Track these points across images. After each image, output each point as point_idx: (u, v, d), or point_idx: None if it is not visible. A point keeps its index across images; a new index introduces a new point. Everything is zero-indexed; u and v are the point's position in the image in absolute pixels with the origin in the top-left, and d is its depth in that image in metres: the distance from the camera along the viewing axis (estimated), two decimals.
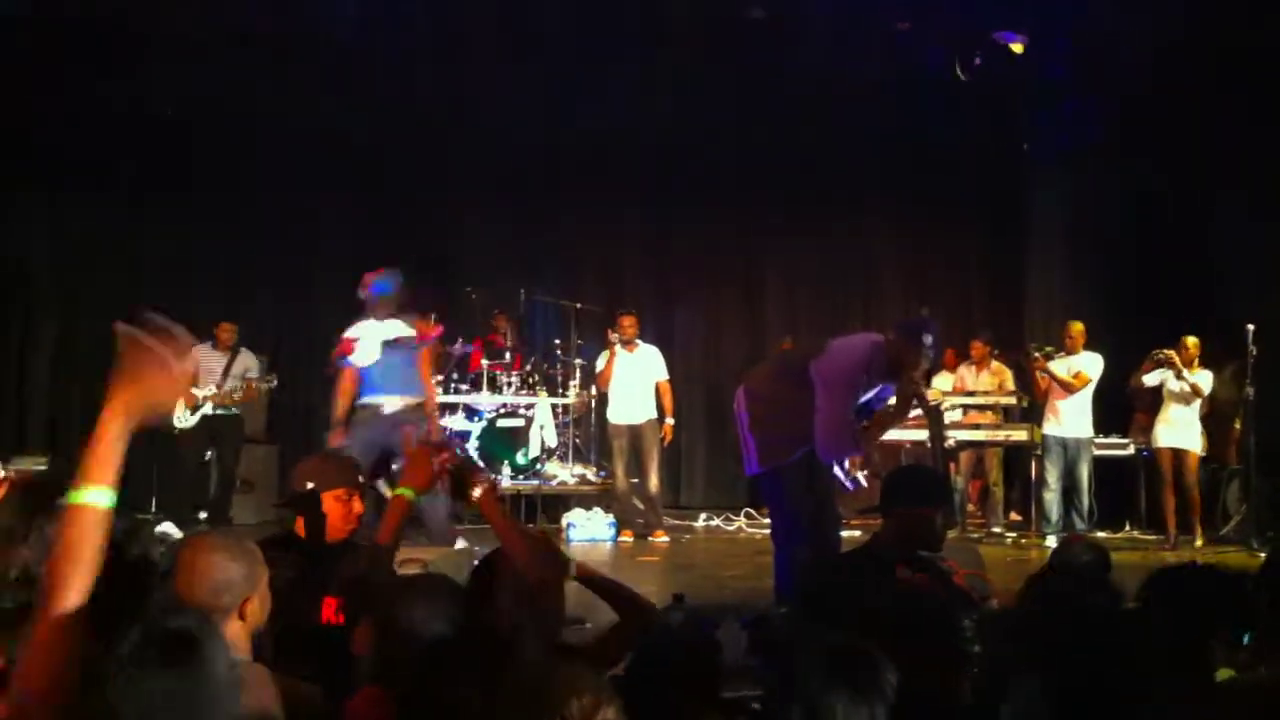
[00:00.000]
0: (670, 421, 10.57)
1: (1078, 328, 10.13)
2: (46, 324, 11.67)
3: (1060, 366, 10.06)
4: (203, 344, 10.11)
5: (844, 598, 3.16)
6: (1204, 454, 10.16)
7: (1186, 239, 11.48)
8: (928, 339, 5.94)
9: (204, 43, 10.46)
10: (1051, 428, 10.16)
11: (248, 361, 10.34)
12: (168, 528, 9.40)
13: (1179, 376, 9.83)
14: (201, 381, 9.98)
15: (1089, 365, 10.03)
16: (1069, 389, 10.00)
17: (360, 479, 3.98)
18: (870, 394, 6.06)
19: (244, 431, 10.60)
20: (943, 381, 11.21)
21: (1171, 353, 9.81)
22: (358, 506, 3.91)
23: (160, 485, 10.40)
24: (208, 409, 10.00)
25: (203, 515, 10.17)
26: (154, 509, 10.23)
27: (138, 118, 11.03)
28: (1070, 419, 10.09)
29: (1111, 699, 2.27)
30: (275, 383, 10.47)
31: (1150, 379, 9.99)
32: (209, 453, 10.33)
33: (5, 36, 10.20)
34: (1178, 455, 9.98)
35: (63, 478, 2.60)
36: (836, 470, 6.26)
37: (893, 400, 6.23)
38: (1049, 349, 10.25)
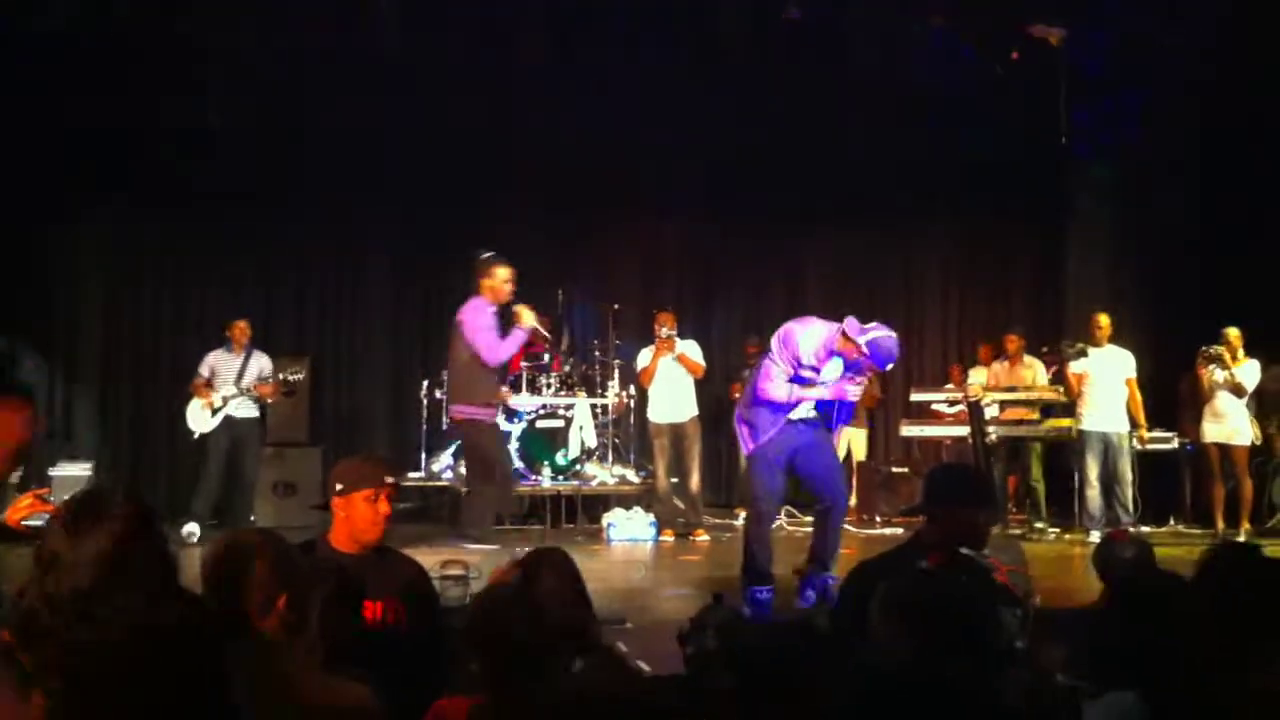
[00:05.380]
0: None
1: None
2: (91, 330, 11.79)
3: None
4: (218, 349, 10.29)
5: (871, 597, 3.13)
6: (1255, 444, 10.07)
7: (1230, 232, 11.36)
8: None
9: (248, 54, 10.54)
10: (1089, 422, 10.10)
11: (261, 363, 10.36)
12: (192, 528, 9.54)
13: (1224, 367, 9.78)
14: (219, 385, 10.10)
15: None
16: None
17: (389, 479, 3.93)
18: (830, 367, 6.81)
19: (264, 434, 10.64)
20: (978, 376, 11.16)
21: (1223, 349, 9.75)
22: (385, 508, 3.86)
23: (186, 489, 10.39)
24: (229, 410, 10.07)
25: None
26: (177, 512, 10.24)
27: (184, 128, 11.09)
28: (1107, 413, 10.04)
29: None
30: (293, 385, 10.50)
31: (1216, 376, 9.92)
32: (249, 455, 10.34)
33: (59, 50, 10.31)
34: (1225, 450, 9.90)
35: (105, 497, 2.60)
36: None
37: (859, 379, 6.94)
38: (1080, 345, 10.19)
